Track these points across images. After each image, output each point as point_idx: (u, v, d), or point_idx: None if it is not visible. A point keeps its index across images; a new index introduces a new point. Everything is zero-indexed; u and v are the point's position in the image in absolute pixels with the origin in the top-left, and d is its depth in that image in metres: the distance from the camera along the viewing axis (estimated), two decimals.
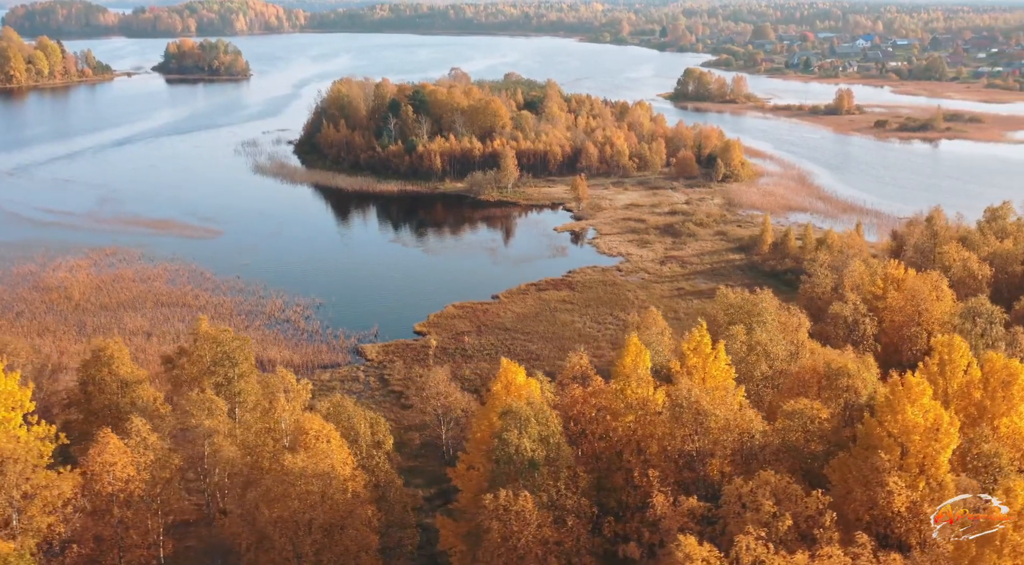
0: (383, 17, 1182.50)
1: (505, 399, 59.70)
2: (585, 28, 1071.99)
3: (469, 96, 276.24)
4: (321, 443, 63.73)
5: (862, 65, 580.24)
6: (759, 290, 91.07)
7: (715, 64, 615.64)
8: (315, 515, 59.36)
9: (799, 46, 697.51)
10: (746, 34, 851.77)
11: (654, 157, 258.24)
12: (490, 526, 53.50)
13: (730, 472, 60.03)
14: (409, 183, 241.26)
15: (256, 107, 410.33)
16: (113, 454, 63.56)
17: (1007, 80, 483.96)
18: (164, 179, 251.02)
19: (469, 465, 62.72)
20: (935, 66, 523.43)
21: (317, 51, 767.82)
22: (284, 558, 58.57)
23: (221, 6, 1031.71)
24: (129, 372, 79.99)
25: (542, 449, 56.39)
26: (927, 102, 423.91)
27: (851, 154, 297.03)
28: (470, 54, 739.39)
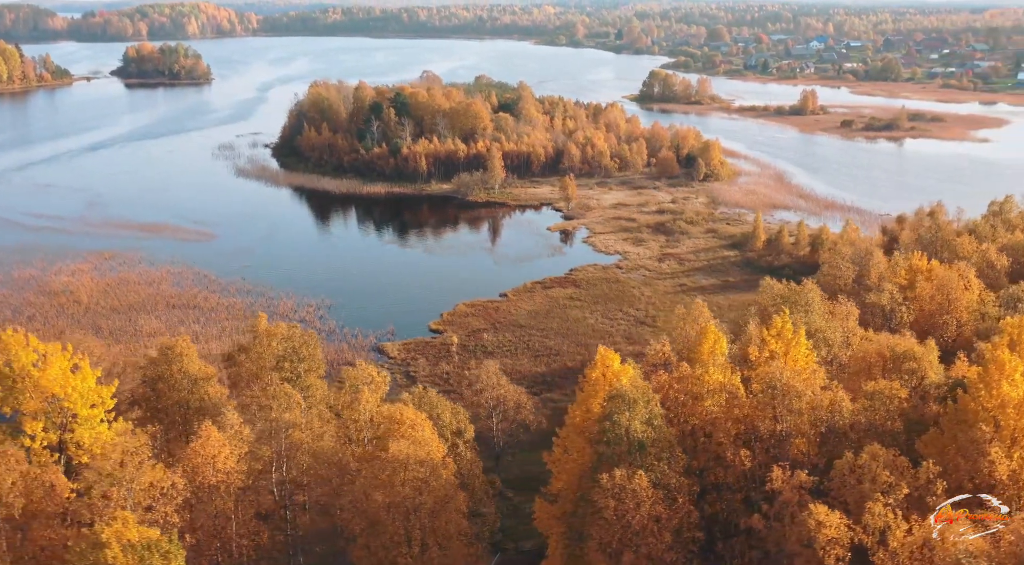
0: (336, 20, 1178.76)
1: (603, 385, 62.23)
2: (539, 31, 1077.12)
3: (449, 98, 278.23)
4: (417, 432, 65.80)
5: (819, 66, 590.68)
6: (804, 281, 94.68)
7: (673, 66, 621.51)
8: (423, 501, 61.50)
9: (755, 48, 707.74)
10: (700, 36, 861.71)
11: (635, 157, 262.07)
12: (606, 504, 55.95)
13: (808, 452, 63.04)
14: (395, 185, 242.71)
15: (224, 111, 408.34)
16: (215, 446, 65.11)
17: (961, 81, 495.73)
18: (147, 183, 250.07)
19: (564, 449, 65.11)
20: (891, 67, 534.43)
21: (274, 55, 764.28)
22: (395, 542, 60.56)
23: (172, 10, 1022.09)
24: (198, 369, 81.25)
25: (650, 431, 59.03)
26: (885, 102, 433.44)
27: (822, 153, 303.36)
28: (428, 57, 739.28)
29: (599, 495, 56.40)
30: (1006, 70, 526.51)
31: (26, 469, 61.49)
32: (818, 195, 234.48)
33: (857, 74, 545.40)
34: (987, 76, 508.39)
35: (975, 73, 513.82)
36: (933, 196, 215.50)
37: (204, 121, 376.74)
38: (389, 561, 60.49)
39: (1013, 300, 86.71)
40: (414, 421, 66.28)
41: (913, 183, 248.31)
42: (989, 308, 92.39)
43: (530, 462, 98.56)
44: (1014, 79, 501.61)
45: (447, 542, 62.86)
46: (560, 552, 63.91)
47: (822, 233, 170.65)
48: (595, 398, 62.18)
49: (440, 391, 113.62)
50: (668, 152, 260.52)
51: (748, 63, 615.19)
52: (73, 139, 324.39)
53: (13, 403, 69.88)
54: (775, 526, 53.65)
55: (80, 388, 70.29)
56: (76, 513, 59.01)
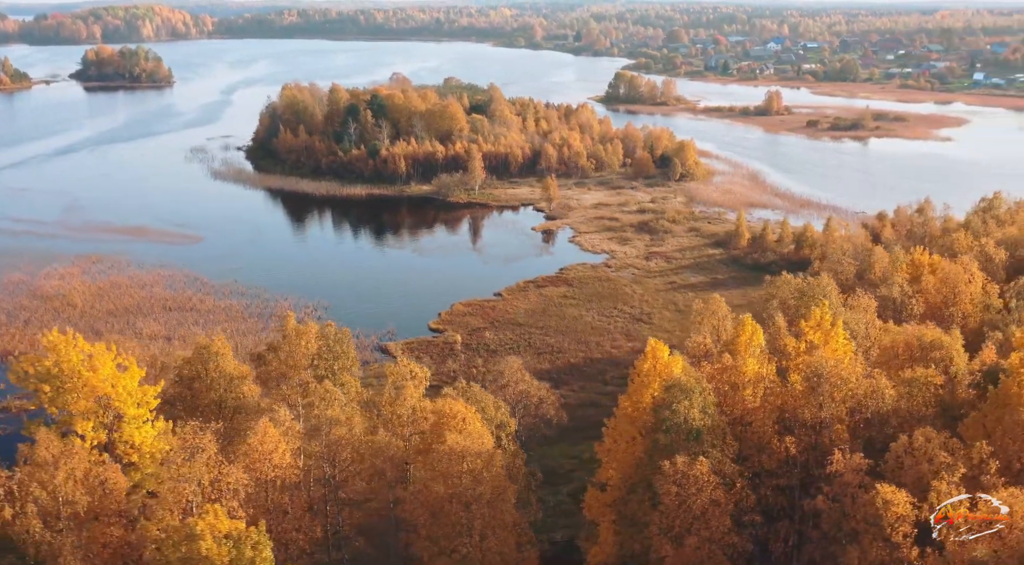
0: (292, 22, 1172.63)
1: (655, 376, 64.18)
2: (497, 33, 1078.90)
3: (425, 100, 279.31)
4: (469, 425, 67.37)
5: (778, 67, 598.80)
6: (823, 276, 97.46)
7: (634, 67, 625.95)
8: (482, 491, 63.10)
9: (713, 49, 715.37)
10: (658, 38, 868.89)
11: (611, 158, 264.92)
12: (667, 490, 57.91)
13: (847, 439, 65.45)
14: (375, 187, 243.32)
15: (191, 114, 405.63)
16: (272, 442, 66.19)
17: (919, 81, 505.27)
18: (124, 186, 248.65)
19: (615, 439, 66.97)
20: (849, 68, 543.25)
21: (233, 57, 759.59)
22: (457, 532, 62.10)
23: (127, 12, 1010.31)
24: (234, 368, 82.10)
25: (706, 419, 61.13)
26: (845, 102, 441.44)
27: (792, 153, 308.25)
28: (389, 59, 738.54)
29: (661, 481, 58.31)
30: (961, 70, 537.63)
31: (88, 467, 62.18)
32: (794, 194, 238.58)
33: (816, 75, 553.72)
34: (943, 76, 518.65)
35: (932, 73, 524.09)
36: (905, 194, 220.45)
37: (172, 124, 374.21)
38: (451, 550, 61.98)
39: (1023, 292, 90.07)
40: (464, 414, 67.81)
41: (884, 182, 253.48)
42: (993, 300, 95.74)
43: (551, 456, 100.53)
44: (970, 79, 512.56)
45: (501, 532, 64.47)
46: (611, 538, 65.75)
47: (807, 231, 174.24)
48: (647, 389, 64.09)
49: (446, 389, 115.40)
50: (644, 152, 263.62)
51: (708, 64, 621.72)
52: (41, 143, 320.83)
53: (61, 403, 70.42)
54: (834, 506, 55.88)
55: (129, 387, 71.04)
56: (148, 510, 59.92)
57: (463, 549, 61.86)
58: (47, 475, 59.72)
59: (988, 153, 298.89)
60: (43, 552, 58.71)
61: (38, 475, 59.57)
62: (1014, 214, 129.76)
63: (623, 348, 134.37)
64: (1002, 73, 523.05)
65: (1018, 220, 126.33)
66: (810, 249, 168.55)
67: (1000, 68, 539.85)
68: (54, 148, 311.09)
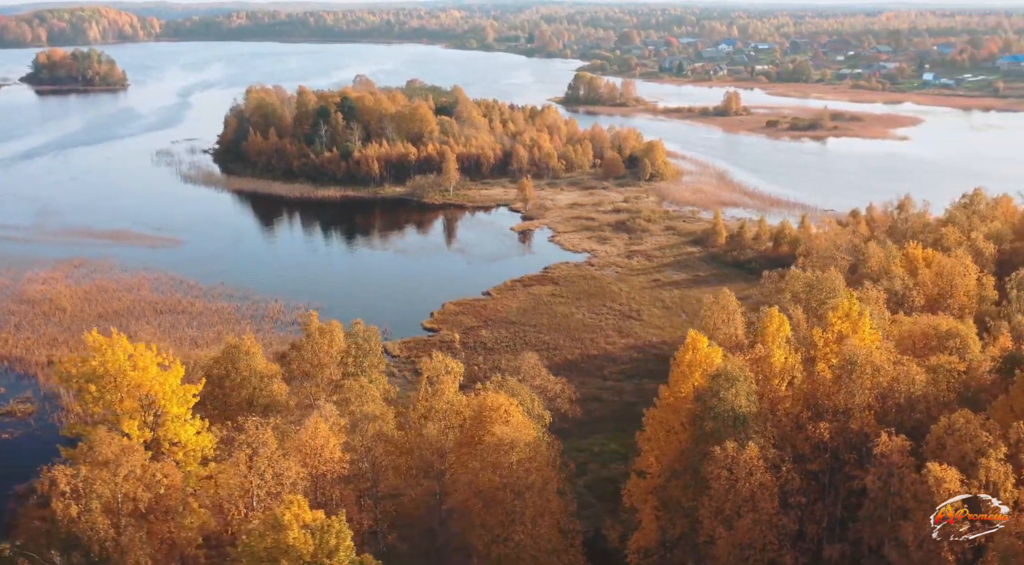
0: (241, 25, 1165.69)
1: (697, 366, 66.58)
2: (448, 35, 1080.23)
3: (394, 102, 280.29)
4: (512, 417, 69.30)
5: (731, 68, 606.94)
6: (831, 270, 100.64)
7: (588, 69, 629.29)
8: (533, 480, 65.10)
9: (667, 51, 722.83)
10: (610, 39, 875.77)
11: (582, 158, 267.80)
12: (718, 475, 60.31)
13: (875, 424, 68.38)
14: (348, 189, 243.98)
15: (151, 117, 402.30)
16: (323, 437, 67.56)
17: (870, 81, 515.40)
18: (95, 191, 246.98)
19: (655, 428, 69.23)
20: (802, 69, 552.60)
21: (185, 60, 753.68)
22: (510, 520, 63.98)
23: (72, 15, 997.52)
24: (264, 367, 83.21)
25: (752, 405, 63.68)
26: (799, 102, 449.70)
27: (755, 153, 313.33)
28: (344, 62, 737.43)
29: (711, 466, 60.71)
30: (911, 71, 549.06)
31: (147, 463, 63.14)
32: (762, 193, 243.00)
33: (769, 76, 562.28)
34: (894, 77, 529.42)
35: (882, 74, 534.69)
36: (871, 193, 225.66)
37: (133, 128, 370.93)
38: (504, 538, 63.81)
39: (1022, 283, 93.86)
40: (507, 407, 69.68)
41: (848, 180, 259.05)
42: (989, 291, 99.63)
43: (567, 449, 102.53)
44: (919, 80, 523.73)
45: (549, 519, 66.50)
46: (653, 524, 68.04)
47: (784, 228, 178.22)
48: (689, 379, 66.47)
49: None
50: (613, 153, 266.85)
51: (663, 66, 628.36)
52: (2, 147, 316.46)
53: (106, 402, 71.17)
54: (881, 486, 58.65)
55: (173, 386, 71.98)
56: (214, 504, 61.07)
57: (516, 536, 63.70)
58: (108, 473, 60.60)
59: (945, 151, 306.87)
60: (108, 548, 59.57)
61: (100, 473, 60.38)
62: (993, 209, 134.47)
63: (617, 344, 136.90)
64: (950, 73, 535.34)
65: (998, 215, 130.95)
66: (789, 246, 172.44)
67: (948, 68, 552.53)
68: (17, 152, 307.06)
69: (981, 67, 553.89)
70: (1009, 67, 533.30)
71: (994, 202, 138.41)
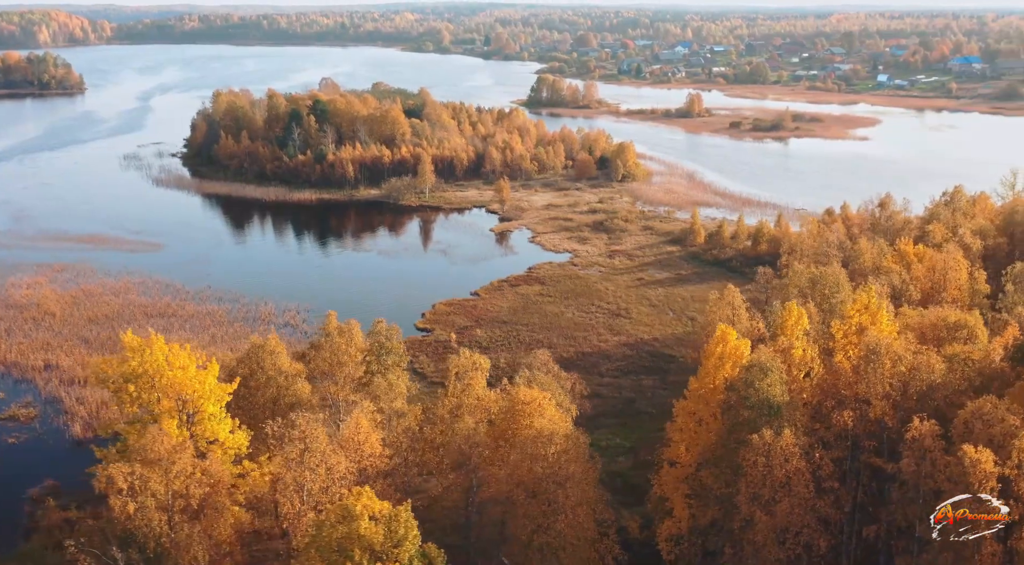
0: (194, 28, 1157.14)
1: (728, 358, 68.93)
2: (403, 38, 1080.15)
3: (366, 105, 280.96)
4: (547, 410, 71.24)
5: (689, 70, 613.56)
6: (833, 265, 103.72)
7: (547, 71, 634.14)
8: (573, 470, 67.15)
9: (624, 53, 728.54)
10: (567, 42, 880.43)
11: (554, 160, 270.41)
12: (755, 461, 62.68)
13: (892, 413, 71.27)
14: (323, 192, 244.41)
15: (113, 121, 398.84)
16: (364, 432, 69.02)
17: (826, 82, 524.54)
18: (68, 195, 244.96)
19: (684, 418, 71.49)
20: (759, 70, 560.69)
21: (139, 64, 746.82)
22: (552, 510, 65.91)
23: (21, 18, 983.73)
24: (289, 366, 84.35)
25: (785, 395, 66.22)
26: (757, 103, 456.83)
27: (721, 154, 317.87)
28: (301, 65, 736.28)
29: (749, 453, 63.09)
30: (865, 72, 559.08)
31: (196, 461, 64.21)
32: (732, 193, 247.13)
33: (727, 77, 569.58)
34: (849, 78, 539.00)
35: (837, 75, 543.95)
36: (838, 191, 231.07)
37: (96, 132, 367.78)
38: (546, 527, 65.70)
39: (1021, 276, 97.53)
40: (541, 400, 71.59)
41: (816, 180, 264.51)
42: (981, 285, 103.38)
43: None
44: (873, 81, 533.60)
45: (587, 508, 68.56)
46: (684, 512, 70.33)
47: (763, 227, 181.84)
48: (720, 370, 68.83)
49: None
50: (585, 154, 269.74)
51: (621, 68, 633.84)
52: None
53: (144, 401, 72.04)
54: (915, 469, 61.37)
55: (211, 385, 73.01)
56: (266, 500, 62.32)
57: (558, 526, 65.63)
58: (161, 470, 61.62)
59: (906, 151, 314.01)
60: (163, 544, 60.61)
61: (153, 470, 61.38)
62: (972, 206, 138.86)
63: (610, 342, 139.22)
64: (903, 74, 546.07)
65: (978, 212, 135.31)
66: (768, 244, 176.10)
67: (901, 70, 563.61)
68: None
69: (933, 68, 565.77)
70: (960, 68, 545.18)
71: (973, 200, 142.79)
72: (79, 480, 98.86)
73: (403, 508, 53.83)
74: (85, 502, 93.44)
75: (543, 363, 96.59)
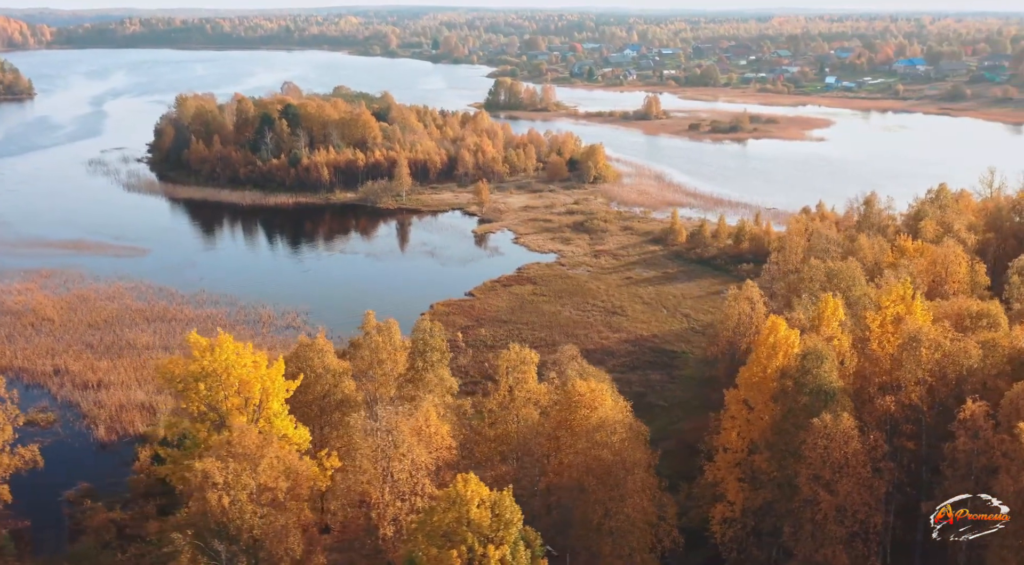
0: (135, 31, 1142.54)
1: (780, 348, 72.39)
2: (349, 42, 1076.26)
3: (337, 109, 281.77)
4: (605, 401, 74.23)
5: (640, 73, 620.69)
6: (851, 260, 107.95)
7: (498, 74, 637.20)
8: (640, 457, 70.24)
9: (573, 56, 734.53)
10: (515, 45, 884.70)
11: (526, 162, 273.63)
12: (816, 444, 66.23)
13: (928, 399, 75.44)
14: (299, 196, 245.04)
15: (70, 127, 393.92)
16: (434, 425, 71.39)
17: (776, 85, 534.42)
18: (39, 201, 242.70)
19: (736, 407, 74.88)
20: (709, 73, 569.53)
21: (85, 68, 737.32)
22: (619, 495, 68.86)
23: None
24: (337, 364, 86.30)
25: (840, 381, 69.93)
26: (709, 106, 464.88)
27: (684, 155, 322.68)
28: (250, 69, 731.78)
29: (811, 436, 66.64)
30: (812, 74, 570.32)
31: (281, 455, 66.07)
32: (703, 193, 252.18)
33: (678, 80, 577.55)
34: (797, 80, 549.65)
35: (786, 78, 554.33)
36: (805, 191, 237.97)
37: (54, 137, 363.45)
38: (615, 512, 68.63)
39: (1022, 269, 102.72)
40: (599, 392, 74.56)
41: (782, 180, 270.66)
42: (981, 278, 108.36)
43: None
44: (822, 83, 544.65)
45: (649, 494, 71.65)
46: (738, 495, 73.71)
47: (744, 226, 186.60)
48: (774, 359, 72.30)
49: (461, 383, 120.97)
50: (556, 157, 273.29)
51: (573, 71, 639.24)
52: None
53: (213, 399, 73.61)
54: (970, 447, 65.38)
55: (279, 382, 74.87)
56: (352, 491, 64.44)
57: (626, 510, 68.61)
58: (250, 464, 63.41)
59: (863, 151, 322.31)
60: (256, 535, 62.42)
61: (243, 464, 63.13)
62: (956, 203, 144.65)
63: (611, 339, 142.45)
64: (850, 76, 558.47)
65: (962, 208, 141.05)
66: (751, 242, 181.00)
67: (847, 72, 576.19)
68: None
69: (879, 70, 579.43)
70: (905, 70, 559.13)
71: (956, 197, 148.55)
72: (111, 482, 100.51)
73: (506, 493, 56.34)
74: (124, 503, 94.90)
75: (571, 357, 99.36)
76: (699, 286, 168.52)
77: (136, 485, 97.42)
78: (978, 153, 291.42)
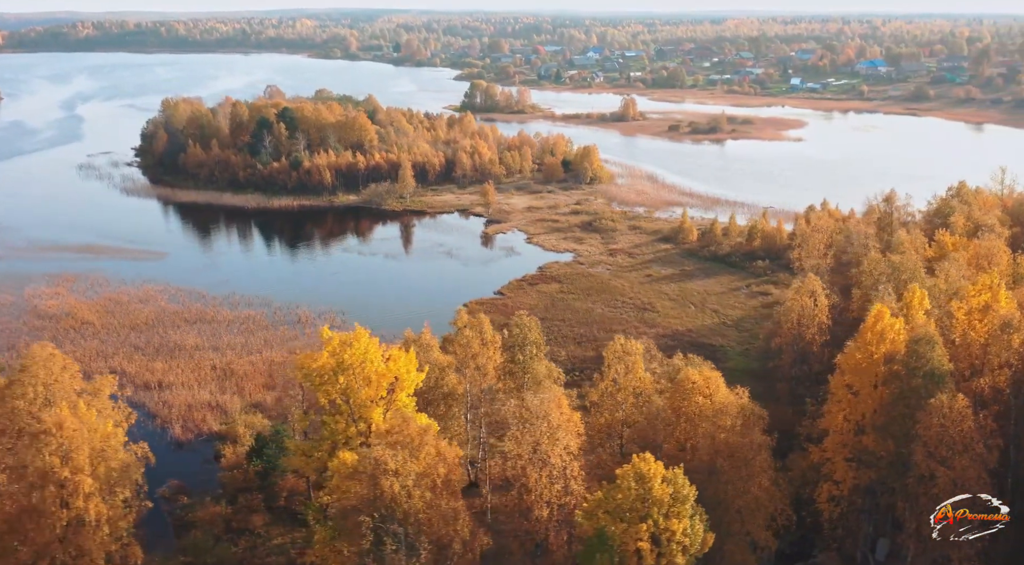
0: (89, 35, 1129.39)
1: (888, 334, 76.90)
2: (306, 44, 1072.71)
3: (333, 112, 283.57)
4: (721, 388, 78.28)
5: (607, 75, 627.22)
6: (909, 254, 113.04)
7: (465, 77, 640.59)
8: (762, 440, 74.43)
9: (536, 58, 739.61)
10: (476, 48, 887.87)
11: (523, 164, 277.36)
12: (931, 423, 70.77)
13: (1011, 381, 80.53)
14: (301, 198, 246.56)
15: (48, 131, 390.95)
16: (567, 413, 74.82)
17: (742, 86, 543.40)
18: (40, 206, 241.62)
19: (842, 391, 79.26)
20: (676, 75, 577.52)
21: (43, 72, 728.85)
22: (748, 474, 72.85)
23: None
24: (442, 358, 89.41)
25: (948, 364, 74.64)
26: (678, 107, 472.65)
27: (668, 156, 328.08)
28: (212, 72, 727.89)
29: (926, 416, 71.17)
30: (777, 76, 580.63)
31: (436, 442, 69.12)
32: (699, 192, 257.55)
33: (645, 82, 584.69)
34: (763, 82, 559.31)
35: (752, 79, 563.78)
36: (799, 190, 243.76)
37: (35, 142, 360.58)
38: (744, 491, 72.59)
39: None
40: (714, 379, 78.56)
41: (771, 179, 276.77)
42: (1022, 269, 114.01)
43: None
44: (787, 84, 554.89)
45: (770, 473, 75.86)
46: (846, 474, 78.13)
47: (757, 225, 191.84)
48: (881, 345, 76.83)
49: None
50: (552, 158, 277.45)
51: (540, 73, 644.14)
52: None
53: (349, 393, 76.46)
54: None
55: (413, 374, 78.02)
56: None
57: (753, 489, 72.66)
58: (411, 452, 66.43)
59: (840, 151, 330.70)
60: (422, 518, 65.41)
61: (405, 452, 66.11)
62: (975, 199, 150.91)
63: (648, 333, 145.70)
64: (814, 78, 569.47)
65: (981, 204, 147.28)
66: (763, 240, 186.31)
67: (811, 73, 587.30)
68: None
69: (841, 71, 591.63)
70: (868, 71, 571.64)
71: (975, 193, 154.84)
72: (201, 478, 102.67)
73: (679, 470, 60.07)
74: (217, 498, 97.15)
75: (646, 349, 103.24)
76: (719, 283, 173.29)
77: (230, 481, 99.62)
78: (955, 151, 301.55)
